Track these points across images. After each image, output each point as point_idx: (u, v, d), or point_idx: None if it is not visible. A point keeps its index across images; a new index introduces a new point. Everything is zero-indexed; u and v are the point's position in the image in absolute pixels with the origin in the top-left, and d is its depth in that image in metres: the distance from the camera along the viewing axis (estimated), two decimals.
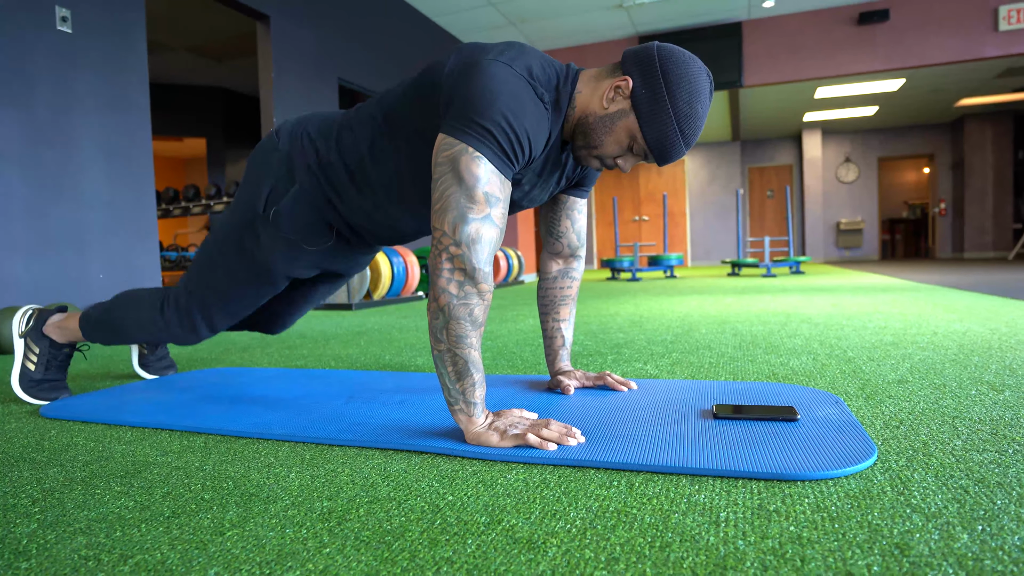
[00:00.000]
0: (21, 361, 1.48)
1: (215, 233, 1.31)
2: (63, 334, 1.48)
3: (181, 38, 6.07)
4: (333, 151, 1.18)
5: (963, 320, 2.44)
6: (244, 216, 1.25)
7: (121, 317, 1.38)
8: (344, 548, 0.67)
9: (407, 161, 1.12)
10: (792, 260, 7.26)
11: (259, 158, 1.27)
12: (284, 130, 1.27)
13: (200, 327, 1.34)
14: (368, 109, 1.17)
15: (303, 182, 1.21)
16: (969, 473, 0.82)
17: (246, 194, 1.26)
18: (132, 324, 1.37)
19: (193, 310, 1.32)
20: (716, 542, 0.65)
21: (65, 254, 2.88)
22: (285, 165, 1.22)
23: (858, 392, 1.31)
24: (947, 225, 11.38)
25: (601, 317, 3.12)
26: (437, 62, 1.06)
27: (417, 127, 1.08)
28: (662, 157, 1.06)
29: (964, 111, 10.51)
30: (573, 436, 0.97)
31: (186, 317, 1.33)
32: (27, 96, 2.74)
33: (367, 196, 1.18)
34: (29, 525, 0.76)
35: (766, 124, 10.83)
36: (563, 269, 1.40)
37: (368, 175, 1.16)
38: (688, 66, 1.02)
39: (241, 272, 1.28)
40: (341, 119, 1.21)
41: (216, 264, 1.29)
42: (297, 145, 1.22)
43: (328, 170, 1.19)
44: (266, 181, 1.24)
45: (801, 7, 6.20)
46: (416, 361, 1.95)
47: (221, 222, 1.31)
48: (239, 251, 1.27)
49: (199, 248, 1.34)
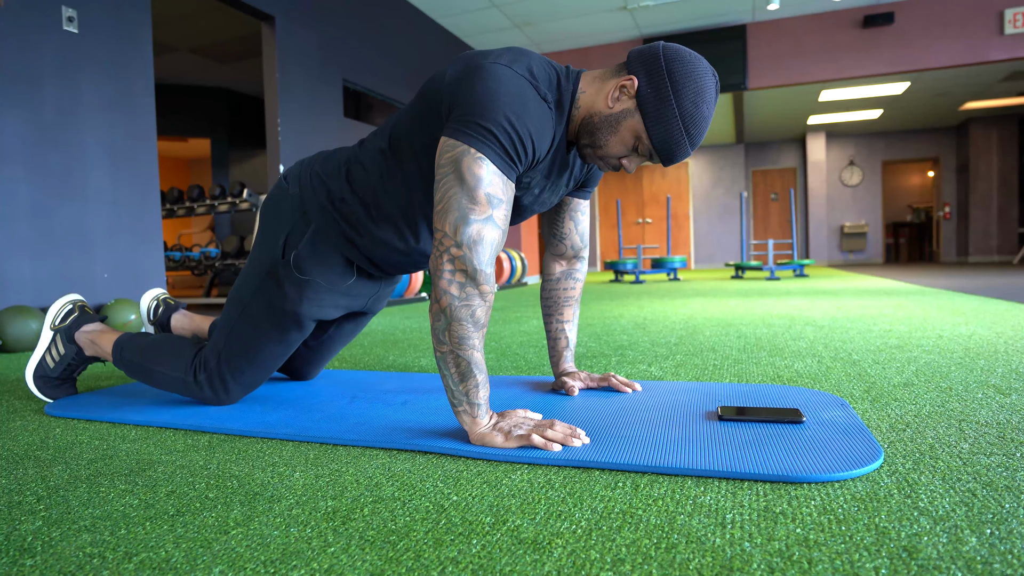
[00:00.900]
0: (43, 353, 1.44)
1: (238, 290, 1.29)
2: (93, 349, 1.45)
3: (186, 39, 6.09)
4: (345, 188, 1.18)
5: (968, 323, 2.43)
6: (264, 267, 1.25)
7: (153, 369, 1.35)
8: (349, 547, 0.66)
9: (417, 181, 1.12)
10: (796, 263, 7.25)
11: (271, 207, 1.27)
12: (291, 175, 1.27)
13: (232, 389, 1.30)
14: (373, 142, 1.17)
15: (318, 222, 1.20)
16: (976, 476, 0.82)
17: (263, 245, 1.26)
18: (164, 379, 1.34)
19: (224, 373, 1.28)
20: (722, 544, 0.65)
21: (70, 254, 2.89)
22: (299, 209, 1.22)
23: (864, 395, 1.31)
24: (951, 229, 11.35)
25: (605, 319, 3.12)
26: (437, 74, 1.06)
27: (424, 142, 1.08)
28: (667, 157, 1.05)
29: (969, 115, 10.48)
30: (578, 437, 0.97)
31: (219, 382, 1.29)
32: (33, 96, 2.75)
33: (385, 227, 1.18)
34: (34, 522, 0.76)
35: (770, 127, 10.82)
36: (566, 270, 1.40)
37: (382, 205, 1.16)
38: (694, 66, 1.01)
39: (268, 325, 1.26)
40: (348, 155, 1.21)
41: (242, 322, 1.27)
42: (307, 187, 1.22)
43: (342, 207, 1.19)
44: (282, 228, 1.23)
45: (805, 10, 6.20)
46: (420, 362, 1.95)
47: (242, 279, 1.30)
48: (264, 305, 1.25)
49: (224, 308, 1.32)
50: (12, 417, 1.33)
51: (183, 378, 1.31)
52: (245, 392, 1.33)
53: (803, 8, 6.14)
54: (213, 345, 1.30)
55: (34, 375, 1.43)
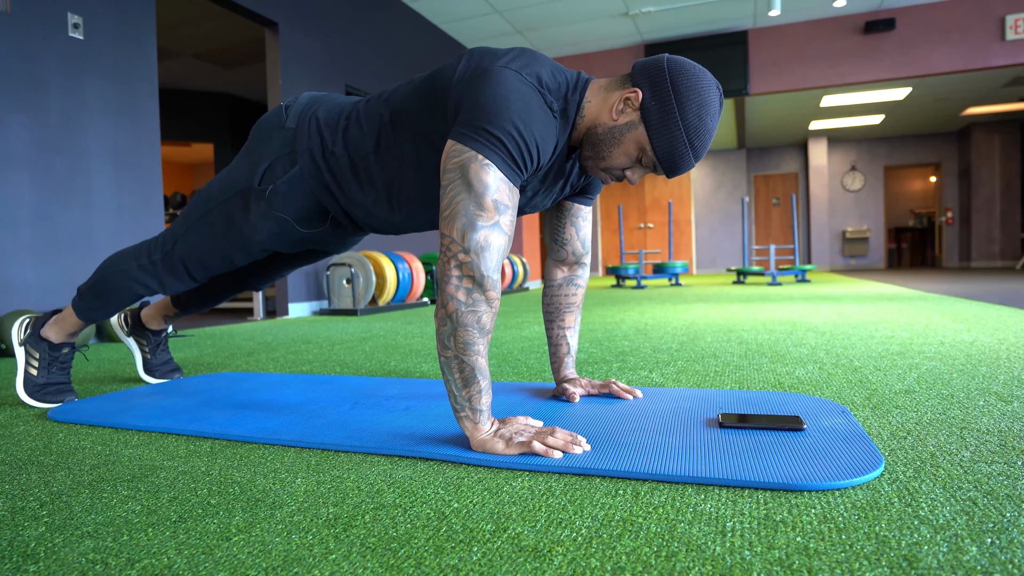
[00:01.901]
0: (24, 368, 1.49)
1: (206, 193, 1.33)
2: (60, 329, 1.50)
3: (190, 44, 6.12)
4: (339, 143, 1.19)
5: (971, 330, 2.42)
6: (238, 183, 1.27)
7: (107, 276, 1.42)
8: (350, 555, 0.67)
9: (411, 162, 1.12)
10: (798, 268, 7.24)
11: (263, 131, 1.28)
12: (293, 109, 1.27)
13: (182, 275, 1.39)
14: (376, 106, 1.17)
15: (305, 167, 1.22)
16: (978, 485, 0.82)
17: (244, 163, 1.28)
18: (120, 278, 1.41)
19: (177, 258, 1.37)
20: (722, 552, 0.65)
21: (73, 258, 2.90)
22: (288, 145, 1.23)
23: (865, 402, 1.31)
24: (954, 234, 11.34)
25: (606, 325, 3.12)
26: (447, 65, 1.06)
27: (423, 128, 1.08)
28: (671, 169, 1.06)
29: (971, 120, 10.49)
30: (579, 444, 0.97)
31: (173, 262, 1.37)
32: (38, 101, 2.76)
33: (368, 191, 1.20)
34: (37, 528, 0.76)
35: (772, 132, 10.83)
36: (568, 276, 1.40)
37: (371, 171, 1.17)
38: (698, 79, 1.02)
39: (224, 238, 1.32)
40: (350, 110, 1.21)
41: (203, 225, 1.33)
42: (303, 128, 1.23)
43: (331, 160, 1.20)
44: (266, 156, 1.25)
45: (807, 16, 6.21)
46: (421, 367, 1.95)
47: (215, 183, 1.33)
48: (226, 218, 1.30)
49: (190, 202, 1.37)
50: (15, 422, 1.33)
51: (136, 264, 1.40)
52: (193, 284, 1.41)
53: (804, 14, 6.16)
54: (172, 230, 1.38)
55: (25, 389, 1.49)
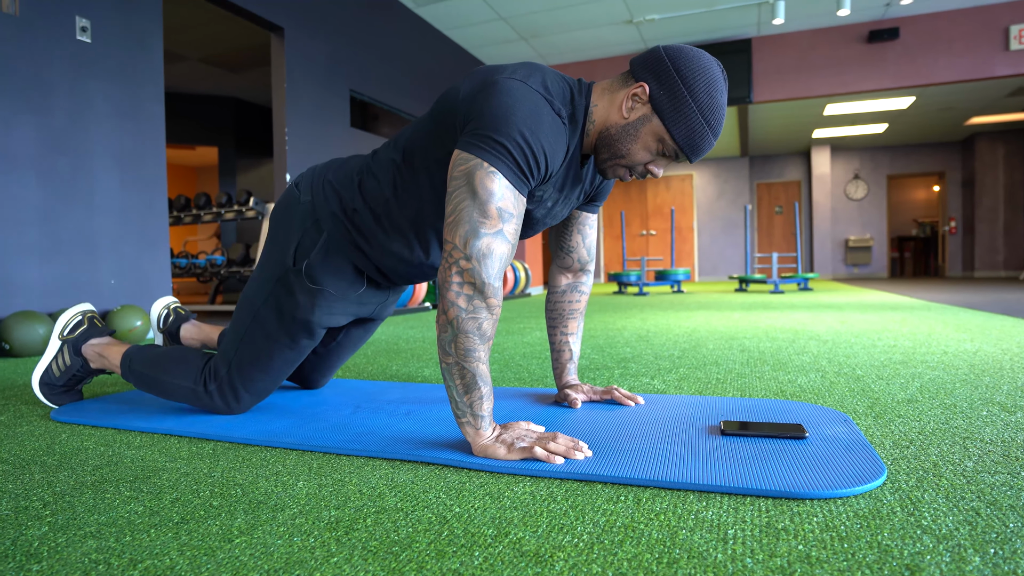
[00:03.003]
0: (49, 362, 1.45)
1: (248, 298, 1.29)
2: (100, 361, 1.45)
3: (196, 48, 6.15)
4: (358, 199, 1.19)
5: (974, 340, 2.42)
6: (275, 274, 1.25)
7: (163, 379, 1.35)
8: (352, 558, 0.67)
9: (428, 192, 1.12)
10: (800, 276, 7.24)
11: (282, 213, 1.27)
12: (303, 182, 1.27)
13: (243, 397, 1.30)
14: (386, 153, 1.18)
15: (331, 231, 1.21)
16: (980, 495, 0.82)
17: (274, 251, 1.26)
18: (173, 389, 1.34)
19: (235, 381, 1.28)
20: (724, 559, 0.65)
21: (77, 259, 2.91)
22: (311, 216, 1.23)
23: (867, 411, 1.31)
24: (957, 243, 11.32)
25: (608, 331, 3.12)
26: (451, 88, 1.07)
27: (436, 156, 1.09)
28: (693, 151, 1.06)
29: (975, 129, 10.49)
30: (580, 450, 0.97)
31: (229, 390, 1.29)
32: (45, 103, 2.78)
33: (395, 238, 1.19)
34: (40, 528, 0.76)
35: (775, 140, 10.84)
36: (572, 283, 1.40)
37: (393, 216, 1.17)
38: (699, 59, 1.03)
39: (279, 332, 1.26)
40: (360, 166, 1.21)
41: (253, 330, 1.27)
42: (319, 195, 1.23)
43: (354, 217, 1.19)
44: (293, 235, 1.24)
45: (811, 24, 6.23)
46: (423, 372, 1.95)
47: (252, 285, 1.30)
48: (275, 312, 1.25)
49: (234, 315, 1.32)
50: (19, 422, 1.34)
51: (193, 388, 1.31)
52: (256, 400, 1.33)
53: (808, 23, 6.17)
54: (223, 353, 1.30)
55: (40, 381, 1.45)
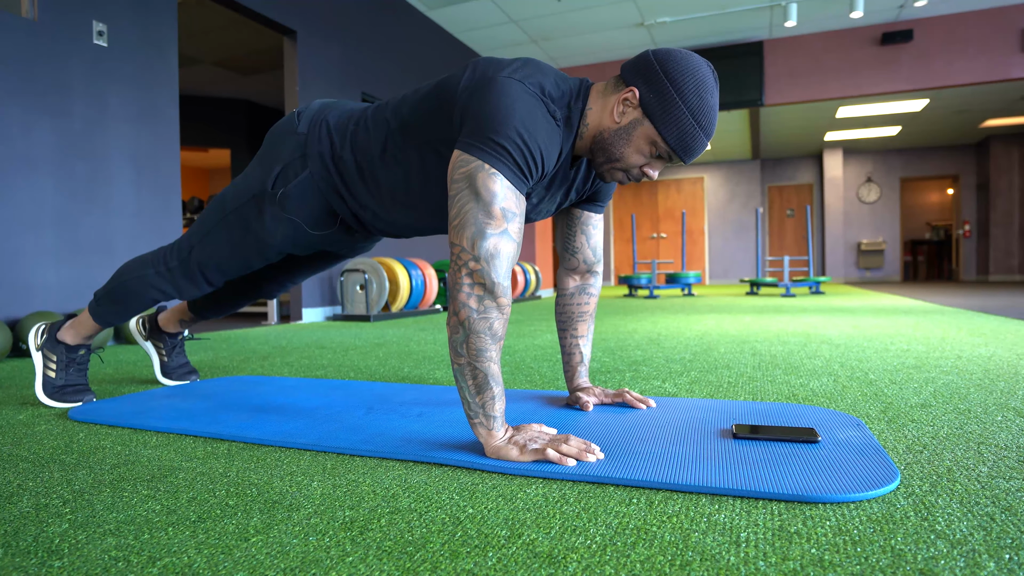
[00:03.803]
0: (42, 372, 1.52)
1: (222, 199, 1.35)
2: (76, 332, 1.53)
3: (210, 52, 6.21)
4: (347, 147, 1.21)
5: (988, 344, 2.40)
6: (252, 188, 1.30)
7: (125, 282, 1.45)
8: (367, 557, 0.67)
9: (417, 169, 1.15)
10: (812, 280, 7.19)
11: (276, 136, 1.31)
12: (305, 114, 1.30)
13: (199, 280, 1.41)
14: (384, 112, 1.19)
15: (315, 170, 1.24)
16: (995, 500, 0.81)
17: (258, 168, 1.31)
18: (137, 284, 1.43)
19: (194, 263, 1.39)
20: (736, 562, 0.65)
21: (94, 261, 2.95)
22: (300, 149, 1.26)
23: (880, 415, 1.30)
24: (971, 247, 11.21)
25: (619, 334, 3.12)
26: (452, 75, 1.09)
27: (429, 137, 1.11)
28: (686, 153, 1.06)
29: (990, 132, 10.39)
30: (592, 452, 0.97)
31: (190, 267, 1.40)
32: (63, 107, 2.82)
33: (374, 194, 1.22)
34: (61, 525, 0.78)
35: (786, 143, 10.78)
36: (580, 285, 1.41)
37: (377, 176, 1.19)
38: (687, 60, 1.04)
39: (240, 243, 1.34)
40: (359, 115, 1.24)
41: (219, 230, 1.35)
42: (314, 133, 1.26)
43: (340, 164, 1.22)
44: (279, 160, 1.27)
45: (823, 27, 6.20)
46: (435, 374, 1.96)
47: (229, 190, 1.35)
48: (241, 223, 1.32)
49: (206, 208, 1.39)
50: (37, 421, 1.36)
51: (154, 270, 1.42)
52: (209, 288, 1.43)
53: (821, 25, 6.15)
54: (188, 237, 1.40)
55: (44, 392, 1.52)
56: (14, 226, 2.63)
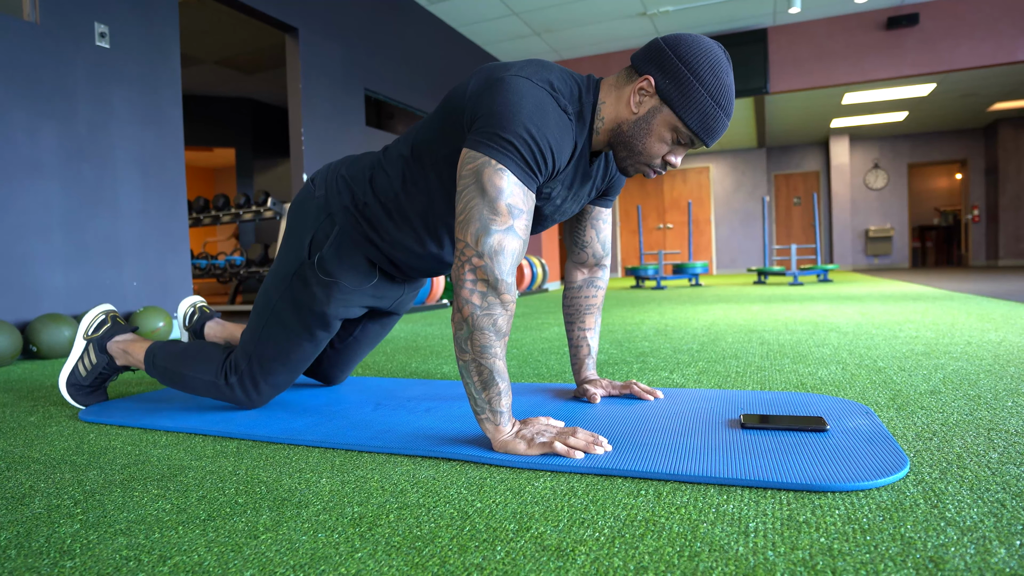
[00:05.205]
0: (76, 362, 1.48)
1: (266, 292, 1.32)
2: (124, 358, 1.48)
3: (212, 51, 6.22)
4: (368, 193, 1.21)
5: (998, 330, 2.38)
6: (291, 268, 1.28)
7: (185, 373, 1.38)
8: (376, 553, 0.68)
9: (438, 189, 1.14)
10: (820, 268, 7.15)
11: (298, 208, 1.30)
12: (318, 178, 1.30)
13: (263, 389, 1.33)
14: (396, 149, 1.20)
15: (342, 224, 1.23)
16: (1006, 487, 0.81)
17: (290, 246, 1.29)
18: (195, 383, 1.37)
19: (255, 374, 1.32)
20: (745, 552, 0.65)
21: (101, 263, 2.97)
22: (324, 210, 1.25)
23: (889, 403, 1.29)
24: (980, 232, 11.11)
25: (626, 325, 3.11)
26: (458, 86, 1.08)
27: (444, 153, 1.10)
28: (708, 134, 1.05)
29: (998, 115, 10.27)
30: (600, 445, 0.97)
31: (249, 382, 1.32)
32: (67, 111, 2.83)
33: (405, 230, 1.21)
34: (72, 525, 0.78)
35: (792, 130, 10.70)
36: (588, 278, 1.40)
37: (404, 209, 1.19)
38: (699, 42, 1.03)
39: (296, 325, 1.29)
40: (372, 161, 1.23)
41: (271, 323, 1.30)
42: (332, 189, 1.25)
43: (365, 210, 1.22)
44: (308, 229, 1.27)
45: (828, 12, 6.14)
46: (442, 369, 1.97)
47: (269, 280, 1.33)
48: (292, 305, 1.28)
49: (253, 310, 1.35)
50: (48, 423, 1.37)
51: (214, 381, 1.34)
52: (275, 393, 1.35)
53: (825, 11, 6.09)
54: (243, 347, 1.33)
55: (67, 383, 1.48)
56: (22, 230, 2.65)
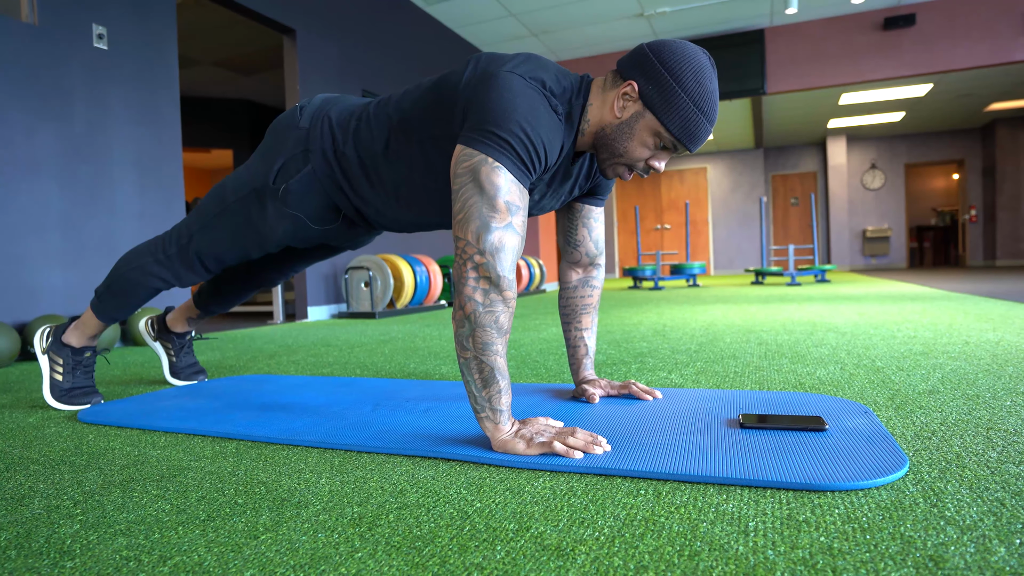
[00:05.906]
0: (49, 375, 1.53)
1: (222, 189, 1.36)
2: (81, 333, 1.54)
3: (209, 52, 6.21)
4: (349, 144, 1.21)
5: (996, 329, 2.38)
6: (253, 181, 1.30)
7: (124, 274, 1.45)
8: (376, 553, 0.68)
9: (419, 166, 1.14)
10: (817, 268, 7.16)
11: (278, 130, 1.31)
12: (307, 109, 1.30)
13: (198, 268, 1.42)
14: (386, 108, 1.19)
15: (317, 166, 1.24)
16: (1005, 485, 0.81)
17: (259, 161, 1.31)
18: (136, 274, 1.44)
19: (193, 253, 1.40)
20: (745, 551, 0.65)
21: (98, 264, 2.96)
22: (302, 144, 1.25)
23: (887, 402, 1.30)
24: (978, 232, 11.14)
25: (624, 326, 3.11)
26: (454, 71, 1.09)
27: (431, 133, 1.10)
28: (690, 140, 1.06)
29: (995, 116, 10.30)
30: (599, 444, 0.97)
31: (188, 256, 1.40)
32: (65, 111, 2.82)
33: (378, 190, 1.22)
34: (72, 526, 0.78)
35: (790, 131, 10.72)
36: (583, 278, 1.40)
37: (381, 172, 1.19)
38: (683, 49, 1.04)
39: (240, 233, 1.34)
40: (361, 111, 1.23)
41: (219, 221, 1.35)
42: (316, 128, 1.25)
43: (343, 160, 1.22)
44: (280, 154, 1.27)
45: (825, 13, 6.15)
46: (440, 369, 1.97)
47: (229, 180, 1.35)
48: (243, 215, 1.32)
49: (206, 197, 1.39)
50: (47, 424, 1.37)
51: (152, 259, 1.43)
52: (207, 275, 1.45)
53: (822, 11, 6.10)
54: (187, 225, 1.40)
55: (52, 395, 1.52)
56: (19, 230, 2.64)
